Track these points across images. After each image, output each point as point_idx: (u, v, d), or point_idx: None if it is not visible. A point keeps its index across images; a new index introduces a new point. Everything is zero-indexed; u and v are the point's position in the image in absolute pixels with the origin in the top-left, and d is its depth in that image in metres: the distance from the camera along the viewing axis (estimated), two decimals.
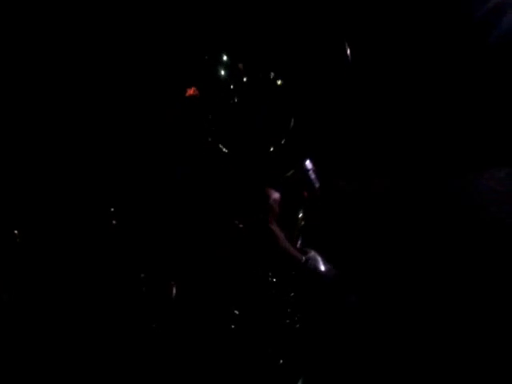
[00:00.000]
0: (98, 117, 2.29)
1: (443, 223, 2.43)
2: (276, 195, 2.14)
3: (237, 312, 2.14)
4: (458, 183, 2.50)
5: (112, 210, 2.25)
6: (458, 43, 2.41)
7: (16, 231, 2.22)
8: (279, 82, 2.13)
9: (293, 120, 2.10)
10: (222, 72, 2.14)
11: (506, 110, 2.47)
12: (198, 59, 2.24)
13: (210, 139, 2.10)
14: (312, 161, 2.15)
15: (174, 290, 2.21)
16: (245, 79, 2.12)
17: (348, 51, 2.13)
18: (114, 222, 2.24)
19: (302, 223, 2.20)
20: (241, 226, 2.19)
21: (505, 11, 2.36)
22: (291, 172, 2.16)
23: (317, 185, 2.18)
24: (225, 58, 2.13)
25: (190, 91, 2.05)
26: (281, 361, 2.15)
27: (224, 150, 2.09)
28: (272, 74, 2.11)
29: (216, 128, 2.10)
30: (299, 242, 2.20)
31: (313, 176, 2.17)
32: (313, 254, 2.15)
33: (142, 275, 2.23)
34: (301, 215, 2.20)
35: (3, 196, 2.23)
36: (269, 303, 2.16)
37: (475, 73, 2.41)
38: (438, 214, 2.44)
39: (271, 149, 2.14)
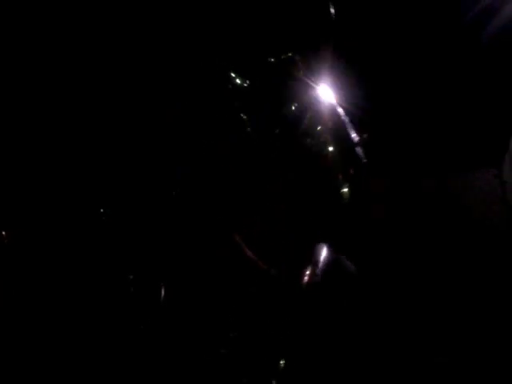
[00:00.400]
0: (98, 117, 2.29)
1: (436, 221, 2.46)
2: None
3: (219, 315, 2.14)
4: (449, 183, 2.53)
5: (112, 209, 2.23)
6: (450, 43, 2.45)
7: (12, 231, 2.20)
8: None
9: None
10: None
11: (495, 112, 2.51)
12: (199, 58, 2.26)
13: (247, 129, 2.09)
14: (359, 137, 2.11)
15: (163, 292, 2.20)
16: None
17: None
18: (113, 221, 2.23)
19: (347, 199, 2.16)
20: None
21: (496, 11, 2.41)
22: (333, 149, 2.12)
23: (364, 161, 2.14)
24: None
25: None
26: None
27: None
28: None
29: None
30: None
31: (360, 152, 2.13)
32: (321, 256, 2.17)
33: (140, 275, 2.21)
34: (346, 190, 2.16)
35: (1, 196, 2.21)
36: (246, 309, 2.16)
37: (467, 74, 2.46)
38: (430, 213, 2.47)
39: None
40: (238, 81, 2.22)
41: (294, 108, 2.12)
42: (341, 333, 2.27)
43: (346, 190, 2.12)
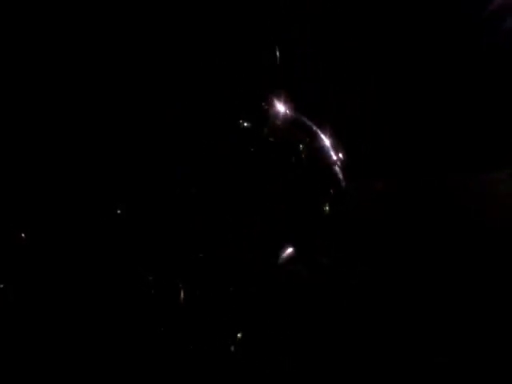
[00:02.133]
0: (98, 117, 2.29)
1: (445, 222, 2.44)
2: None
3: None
4: (461, 183, 2.51)
5: (112, 209, 2.24)
6: (462, 43, 2.42)
7: (20, 232, 2.22)
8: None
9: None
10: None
11: (507, 112, 2.48)
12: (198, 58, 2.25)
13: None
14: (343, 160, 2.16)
15: (182, 293, 2.21)
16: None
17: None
18: (114, 221, 2.24)
19: (327, 219, 2.19)
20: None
21: (509, 12, 2.38)
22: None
23: (343, 183, 2.18)
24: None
25: None
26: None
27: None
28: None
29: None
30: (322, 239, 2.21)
31: (340, 174, 2.17)
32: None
33: (148, 277, 2.22)
34: (326, 209, 2.19)
35: (5, 196, 2.23)
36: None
37: (478, 73, 2.43)
38: (440, 213, 2.45)
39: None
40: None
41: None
42: (341, 332, 2.28)
43: (326, 208, 2.16)
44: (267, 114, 2.19)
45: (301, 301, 2.28)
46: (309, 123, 2.16)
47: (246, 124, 2.20)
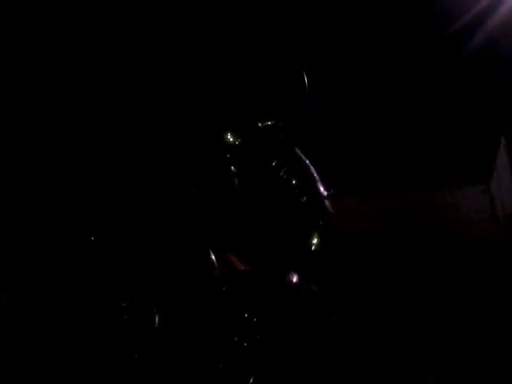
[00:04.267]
0: (98, 117, 2.28)
1: (423, 237, 2.47)
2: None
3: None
4: (437, 199, 2.55)
5: (113, 209, 2.23)
6: (440, 61, 2.45)
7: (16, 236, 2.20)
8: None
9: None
10: None
11: (483, 130, 2.52)
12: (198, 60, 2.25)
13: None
14: (331, 190, 2.20)
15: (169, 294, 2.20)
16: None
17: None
18: (114, 220, 2.22)
19: (317, 249, 2.22)
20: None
21: (496, 9, 2.41)
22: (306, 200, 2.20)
23: (332, 212, 2.21)
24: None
25: None
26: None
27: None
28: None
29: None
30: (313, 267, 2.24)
31: (329, 205, 2.21)
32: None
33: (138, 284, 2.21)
34: (315, 241, 2.23)
35: (4, 199, 2.21)
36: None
37: (455, 91, 2.47)
38: (417, 228, 2.49)
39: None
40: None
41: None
42: (339, 334, 2.27)
43: (315, 240, 2.19)
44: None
45: (299, 303, 2.27)
46: (302, 156, 2.20)
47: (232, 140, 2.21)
